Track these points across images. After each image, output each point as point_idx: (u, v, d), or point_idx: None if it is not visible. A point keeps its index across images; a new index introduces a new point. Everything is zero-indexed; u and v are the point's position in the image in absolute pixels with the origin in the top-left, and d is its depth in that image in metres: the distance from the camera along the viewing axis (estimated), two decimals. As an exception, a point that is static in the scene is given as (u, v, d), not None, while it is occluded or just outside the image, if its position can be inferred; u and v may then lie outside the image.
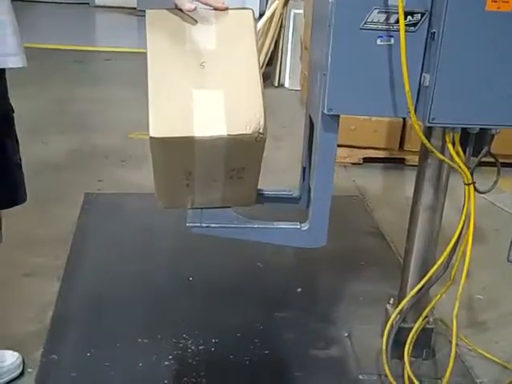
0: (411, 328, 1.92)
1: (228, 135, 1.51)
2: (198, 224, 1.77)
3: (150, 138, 1.48)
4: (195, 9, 1.59)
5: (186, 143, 1.52)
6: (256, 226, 1.81)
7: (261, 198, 1.93)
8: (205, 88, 1.56)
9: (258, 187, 1.78)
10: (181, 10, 1.61)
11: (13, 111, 1.66)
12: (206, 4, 1.63)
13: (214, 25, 1.63)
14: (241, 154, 1.58)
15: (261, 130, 1.53)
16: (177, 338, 2.10)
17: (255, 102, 1.55)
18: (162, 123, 1.50)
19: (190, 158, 1.56)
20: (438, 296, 1.86)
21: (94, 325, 2.15)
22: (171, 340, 2.09)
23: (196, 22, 1.62)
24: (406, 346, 1.90)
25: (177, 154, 1.56)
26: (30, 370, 1.92)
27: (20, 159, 1.70)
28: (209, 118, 1.53)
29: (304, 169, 1.99)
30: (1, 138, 1.63)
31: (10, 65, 1.53)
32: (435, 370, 2.02)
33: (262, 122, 1.53)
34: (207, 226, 1.78)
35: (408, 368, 1.89)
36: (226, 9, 1.64)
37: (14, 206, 1.70)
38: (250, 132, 1.52)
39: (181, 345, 2.07)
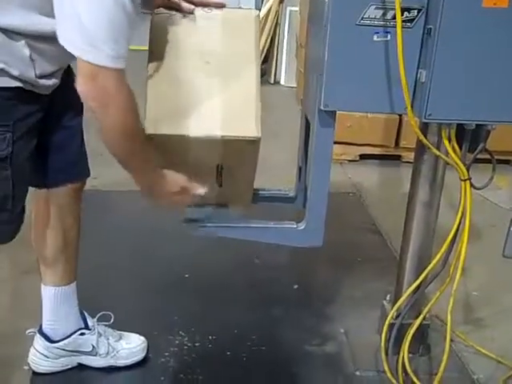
0: (408, 324, 1.92)
1: (222, 137, 1.53)
2: (194, 224, 1.77)
3: (147, 135, 1.49)
4: (194, 10, 1.60)
5: (181, 141, 1.53)
6: (253, 225, 1.81)
7: (257, 197, 1.94)
8: (205, 89, 1.57)
9: (255, 187, 1.80)
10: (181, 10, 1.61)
11: None
12: (204, 5, 1.62)
13: (218, 26, 1.63)
14: (235, 156, 1.60)
15: (255, 134, 1.53)
16: (173, 334, 2.10)
17: (251, 106, 1.55)
18: (159, 120, 1.52)
19: (184, 155, 1.58)
20: (438, 293, 1.85)
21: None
22: (167, 337, 2.09)
23: (199, 22, 1.62)
24: (405, 343, 1.90)
25: (171, 152, 1.56)
26: (25, 367, 1.91)
27: None
28: (205, 118, 1.54)
29: (300, 168, 1.98)
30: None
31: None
32: (431, 365, 2.03)
33: (253, 126, 1.53)
34: (204, 226, 1.77)
35: (407, 364, 1.89)
36: (223, 6, 1.63)
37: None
38: (244, 135, 1.53)
39: (177, 341, 2.07)
